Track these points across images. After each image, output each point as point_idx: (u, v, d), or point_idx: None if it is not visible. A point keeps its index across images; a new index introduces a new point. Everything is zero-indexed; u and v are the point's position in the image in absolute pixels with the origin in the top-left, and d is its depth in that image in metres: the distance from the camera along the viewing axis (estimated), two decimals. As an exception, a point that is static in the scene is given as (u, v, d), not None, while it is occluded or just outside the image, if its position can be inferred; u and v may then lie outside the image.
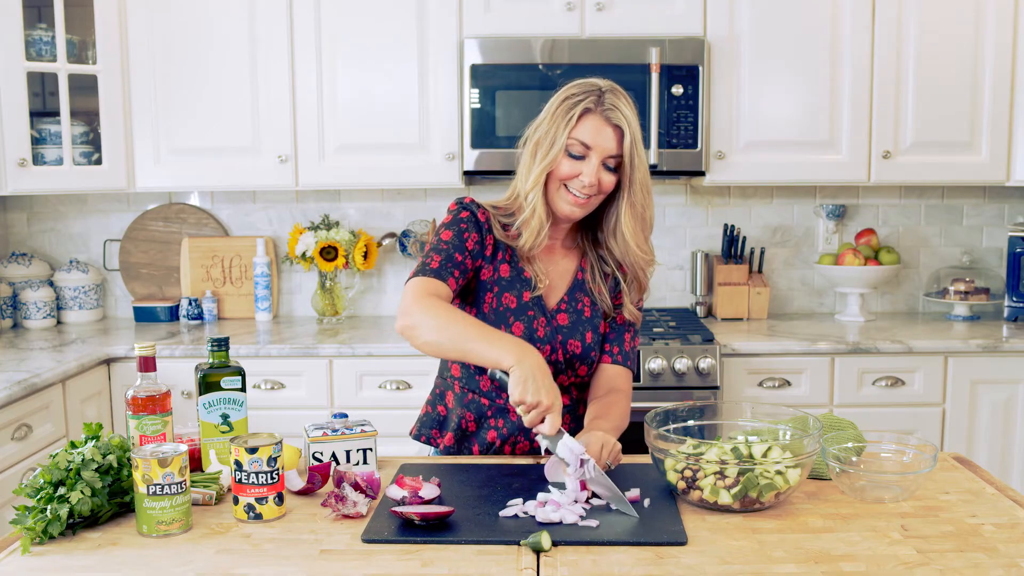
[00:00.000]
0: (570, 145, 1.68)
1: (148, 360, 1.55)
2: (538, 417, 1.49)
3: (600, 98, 1.68)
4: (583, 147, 1.68)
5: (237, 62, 3.04)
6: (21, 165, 2.88)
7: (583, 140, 1.68)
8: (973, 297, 3.26)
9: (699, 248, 3.44)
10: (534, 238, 1.74)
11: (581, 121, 1.68)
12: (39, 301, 3.26)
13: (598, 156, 1.68)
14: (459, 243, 1.73)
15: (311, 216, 3.44)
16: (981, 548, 1.30)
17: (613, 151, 1.68)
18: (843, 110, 3.04)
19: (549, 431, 1.50)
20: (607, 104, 1.68)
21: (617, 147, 1.68)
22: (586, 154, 1.68)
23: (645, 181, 1.73)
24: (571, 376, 1.81)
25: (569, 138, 1.68)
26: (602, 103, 1.68)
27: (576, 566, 1.26)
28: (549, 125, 1.70)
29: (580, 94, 1.69)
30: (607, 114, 1.67)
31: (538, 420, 1.50)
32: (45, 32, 2.96)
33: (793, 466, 1.44)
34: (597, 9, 2.97)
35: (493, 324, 1.74)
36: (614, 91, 1.70)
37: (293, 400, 2.88)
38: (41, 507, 1.36)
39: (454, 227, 1.74)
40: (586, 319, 1.81)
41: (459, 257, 1.71)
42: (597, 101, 1.68)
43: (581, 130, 1.68)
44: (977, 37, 3.01)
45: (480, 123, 2.97)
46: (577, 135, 1.68)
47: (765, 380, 2.88)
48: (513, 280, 1.78)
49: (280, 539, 1.36)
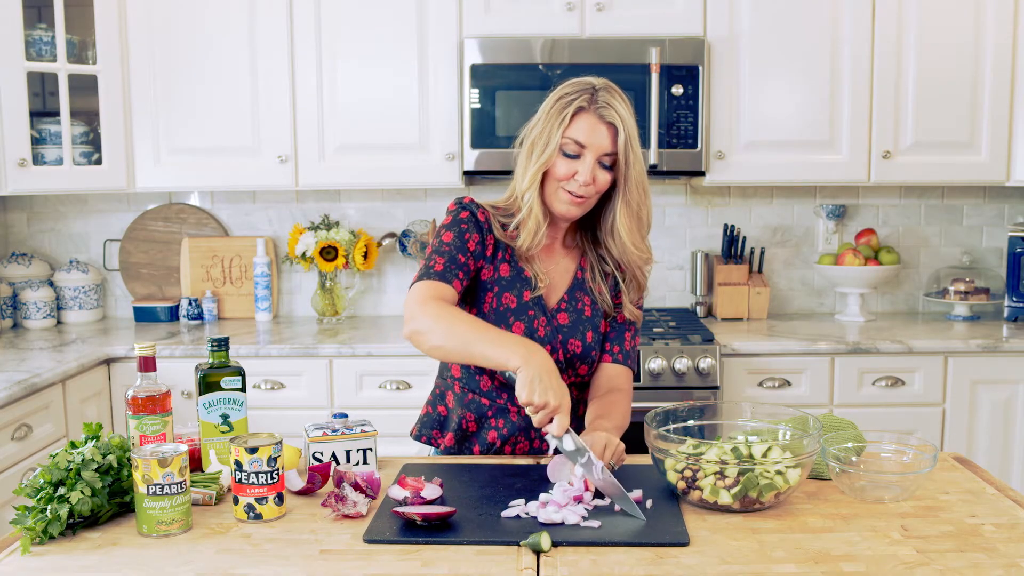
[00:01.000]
0: (564, 144, 1.68)
1: (148, 360, 1.55)
2: (546, 417, 1.49)
3: (594, 96, 1.68)
4: (577, 146, 1.68)
5: (237, 62, 3.04)
6: (21, 165, 2.88)
7: (577, 139, 1.67)
8: (973, 297, 3.26)
9: (699, 248, 3.44)
10: (531, 238, 1.74)
11: (575, 120, 1.68)
12: (39, 301, 3.26)
13: (593, 154, 1.68)
14: (461, 244, 1.72)
15: (311, 216, 3.44)
16: (981, 548, 1.30)
17: (608, 149, 1.68)
18: (843, 110, 3.04)
19: (557, 432, 1.49)
20: (600, 102, 1.67)
21: (612, 145, 1.68)
22: (581, 153, 1.68)
23: (641, 179, 1.72)
24: (571, 376, 1.81)
25: (563, 137, 1.68)
26: (596, 101, 1.67)
27: (576, 566, 1.26)
28: (544, 125, 1.70)
29: (573, 93, 1.69)
30: (601, 112, 1.67)
31: (546, 420, 1.50)
32: (45, 32, 2.96)
33: (793, 466, 1.44)
34: (597, 9, 2.97)
35: (493, 324, 1.74)
36: (608, 89, 1.70)
37: (293, 400, 2.88)
38: (41, 507, 1.36)
39: (455, 228, 1.74)
40: (587, 318, 1.81)
41: (462, 258, 1.71)
42: (590, 99, 1.68)
43: (575, 129, 1.68)
44: (977, 37, 3.01)
45: (480, 123, 2.97)
46: (571, 134, 1.68)
47: (765, 380, 2.88)
48: (513, 280, 1.78)
49: (280, 539, 1.36)
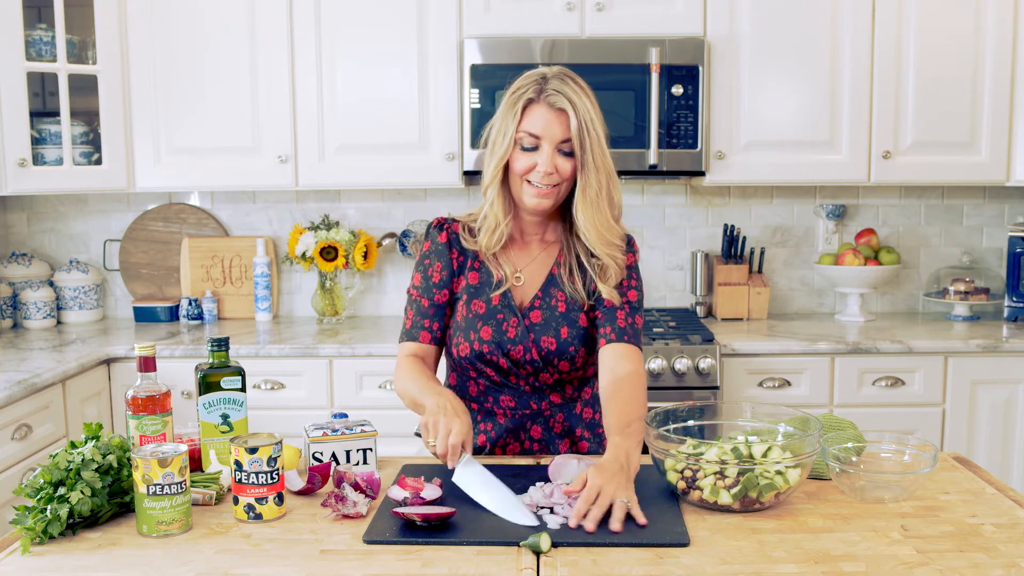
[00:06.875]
0: (520, 139, 1.69)
1: (148, 360, 1.55)
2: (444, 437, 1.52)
3: (543, 86, 1.68)
4: (533, 138, 1.68)
5: (237, 62, 3.04)
6: (21, 165, 2.88)
7: (531, 131, 1.68)
8: (973, 297, 3.26)
9: (699, 248, 3.44)
10: (489, 235, 1.76)
11: (526, 113, 1.68)
12: (39, 301, 3.26)
13: (550, 144, 1.67)
14: (426, 285, 1.81)
15: (311, 216, 3.44)
16: (981, 548, 1.30)
17: (563, 136, 1.67)
18: (843, 110, 3.04)
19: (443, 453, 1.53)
20: (549, 90, 1.67)
21: (565, 131, 1.67)
22: (537, 144, 1.68)
23: (601, 162, 1.69)
24: (553, 373, 1.79)
25: (518, 132, 1.69)
26: (545, 91, 1.68)
27: (576, 566, 1.26)
28: (500, 122, 1.72)
29: (523, 86, 1.70)
30: (550, 100, 1.67)
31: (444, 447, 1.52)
32: (45, 32, 2.96)
33: (793, 466, 1.44)
34: (597, 9, 2.97)
35: (463, 332, 1.77)
36: (560, 76, 1.69)
37: (293, 400, 2.88)
38: (41, 507, 1.36)
39: (420, 267, 1.83)
40: (560, 314, 1.78)
41: (426, 303, 1.80)
42: (539, 90, 1.68)
43: (528, 122, 1.68)
44: (977, 37, 3.01)
45: (480, 123, 2.97)
46: (525, 127, 1.68)
47: (765, 380, 2.88)
48: (482, 285, 1.79)
49: (280, 539, 1.36)
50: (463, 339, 1.77)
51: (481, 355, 1.76)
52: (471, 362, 1.77)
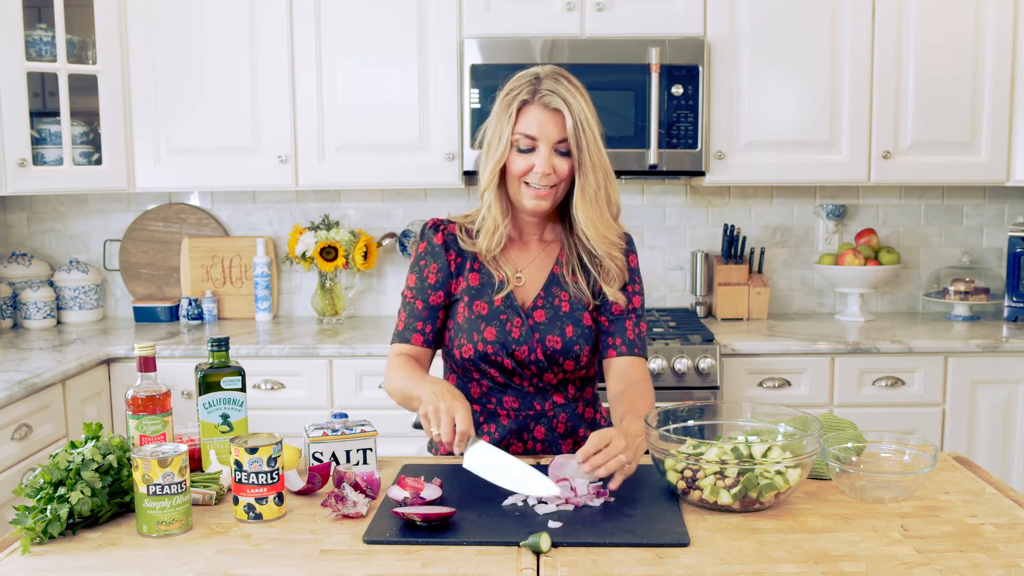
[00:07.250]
0: (516, 140, 1.68)
1: (148, 360, 1.55)
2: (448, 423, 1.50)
3: (536, 87, 1.67)
4: (529, 139, 1.68)
5: (237, 62, 3.04)
6: (21, 165, 2.88)
7: (527, 133, 1.67)
8: (973, 297, 3.26)
9: (699, 248, 3.44)
10: (489, 238, 1.76)
11: (521, 114, 1.68)
12: (39, 301, 3.26)
13: (546, 145, 1.67)
14: (421, 287, 1.80)
15: (311, 216, 3.44)
16: (981, 548, 1.30)
17: (559, 136, 1.67)
18: (843, 110, 3.04)
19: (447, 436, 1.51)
20: (543, 91, 1.66)
21: (560, 132, 1.67)
22: (534, 145, 1.68)
23: (598, 160, 1.69)
24: (557, 372, 1.79)
25: (513, 134, 1.68)
26: (538, 91, 1.67)
27: (576, 566, 1.26)
28: (496, 124, 1.71)
29: (516, 87, 1.70)
30: (545, 101, 1.66)
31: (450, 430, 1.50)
32: (45, 32, 2.96)
33: (793, 466, 1.44)
34: (597, 9, 2.97)
35: (465, 333, 1.76)
36: (554, 76, 1.69)
37: (293, 400, 2.88)
38: (41, 507, 1.36)
39: (415, 268, 1.82)
40: (564, 313, 1.79)
41: (420, 305, 1.80)
42: (533, 91, 1.67)
43: (523, 123, 1.67)
44: (977, 37, 3.01)
45: (480, 123, 2.94)
46: (521, 129, 1.68)
47: (765, 380, 2.88)
48: (483, 287, 1.79)
49: (280, 539, 1.36)
50: (466, 340, 1.76)
51: (485, 356, 1.75)
52: (475, 363, 1.77)
